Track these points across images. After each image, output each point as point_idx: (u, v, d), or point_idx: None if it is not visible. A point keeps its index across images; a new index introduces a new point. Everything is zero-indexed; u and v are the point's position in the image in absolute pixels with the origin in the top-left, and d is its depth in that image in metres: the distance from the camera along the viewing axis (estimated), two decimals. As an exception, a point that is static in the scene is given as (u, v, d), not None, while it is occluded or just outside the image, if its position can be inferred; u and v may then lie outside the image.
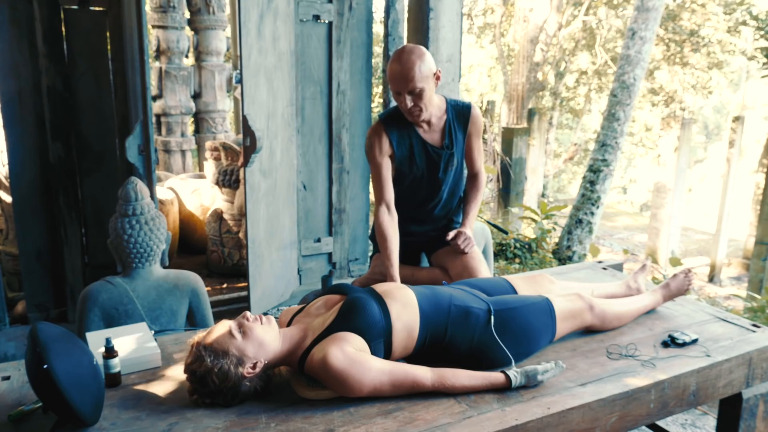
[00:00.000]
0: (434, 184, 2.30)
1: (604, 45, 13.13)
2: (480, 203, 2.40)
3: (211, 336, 1.47)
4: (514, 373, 1.54)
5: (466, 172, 2.46)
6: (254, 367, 1.47)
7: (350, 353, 1.44)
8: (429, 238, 2.40)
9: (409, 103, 2.08)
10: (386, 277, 2.15)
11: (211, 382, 1.42)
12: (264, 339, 1.49)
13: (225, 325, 1.50)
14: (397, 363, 1.51)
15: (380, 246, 2.20)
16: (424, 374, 1.50)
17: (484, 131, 8.39)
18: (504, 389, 1.54)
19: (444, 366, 1.56)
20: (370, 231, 2.82)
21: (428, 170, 2.27)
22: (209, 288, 4.15)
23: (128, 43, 3.16)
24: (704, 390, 1.74)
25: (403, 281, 2.15)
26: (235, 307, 3.67)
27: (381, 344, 1.55)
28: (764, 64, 8.64)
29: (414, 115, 2.13)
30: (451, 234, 2.25)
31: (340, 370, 1.42)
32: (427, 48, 3.79)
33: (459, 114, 2.27)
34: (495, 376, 1.55)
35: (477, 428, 1.39)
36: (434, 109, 2.21)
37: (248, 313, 1.53)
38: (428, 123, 2.23)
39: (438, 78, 2.11)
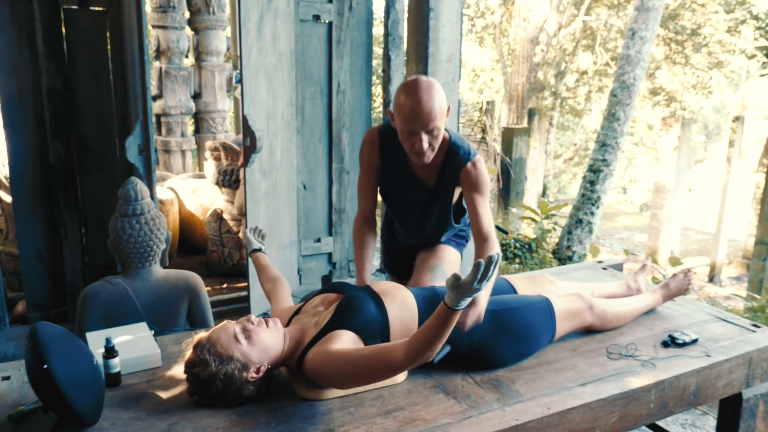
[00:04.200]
0: (418, 212, 2.09)
1: (604, 45, 13.13)
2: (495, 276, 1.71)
3: (215, 340, 1.45)
4: (450, 296, 1.26)
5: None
6: (258, 371, 1.46)
7: (327, 351, 1.43)
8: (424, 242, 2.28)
9: (426, 143, 1.77)
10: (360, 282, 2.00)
11: (215, 386, 1.42)
12: (269, 343, 1.48)
13: (229, 329, 1.48)
14: (369, 346, 1.43)
15: (354, 251, 2.06)
16: (397, 347, 1.36)
17: (485, 131, 8.36)
18: (451, 315, 1.28)
19: (445, 366, 1.55)
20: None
21: (410, 200, 2.07)
22: (209, 288, 4.15)
23: (128, 43, 3.16)
24: (704, 390, 1.74)
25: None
26: (235, 307, 3.67)
27: (378, 342, 1.54)
28: (764, 63, 8.65)
29: (426, 158, 1.82)
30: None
31: (317, 370, 1.43)
32: (426, 48, 3.80)
33: (452, 160, 1.92)
34: (438, 312, 1.29)
35: (477, 428, 1.39)
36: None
37: (252, 317, 1.52)
38: None
39: (447, 113, 1.83)
